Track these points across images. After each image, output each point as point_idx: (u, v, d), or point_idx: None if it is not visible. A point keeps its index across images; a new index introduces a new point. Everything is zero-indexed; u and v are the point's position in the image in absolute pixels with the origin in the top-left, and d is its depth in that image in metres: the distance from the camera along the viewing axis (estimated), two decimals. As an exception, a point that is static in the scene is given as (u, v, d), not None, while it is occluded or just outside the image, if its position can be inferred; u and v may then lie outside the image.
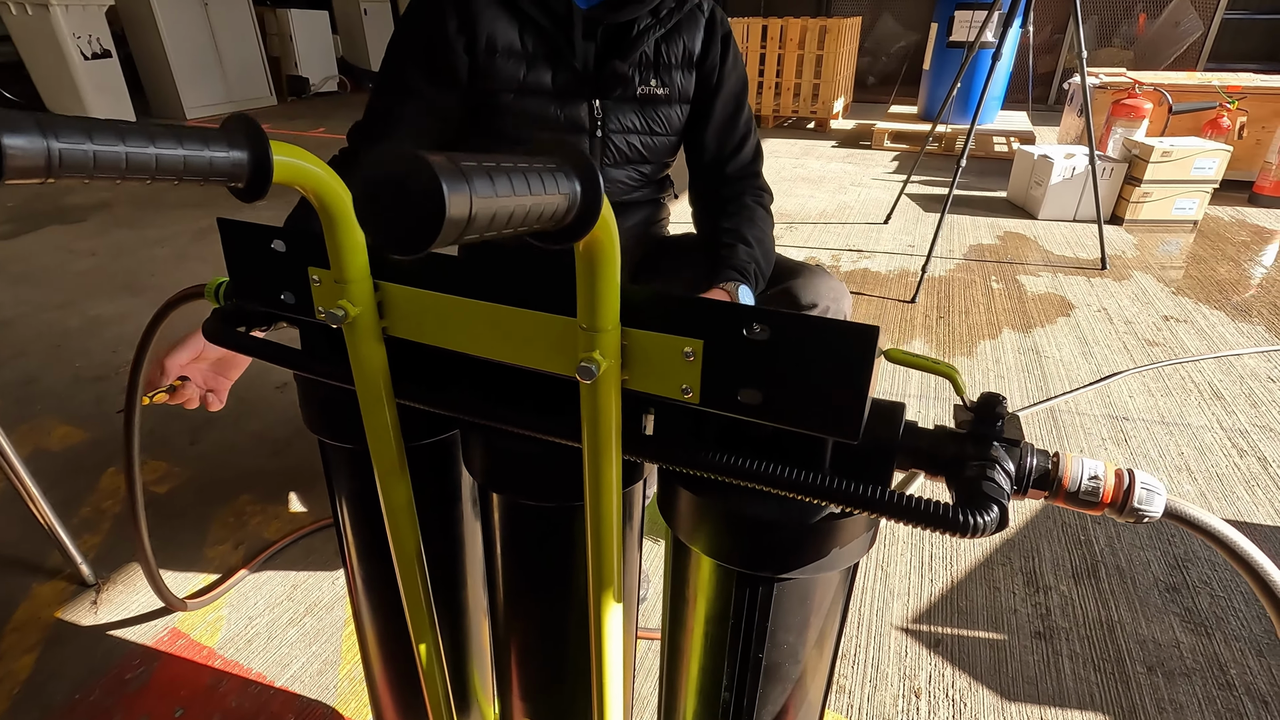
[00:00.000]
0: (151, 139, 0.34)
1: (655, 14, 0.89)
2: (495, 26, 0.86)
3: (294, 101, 6.63)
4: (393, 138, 0.89)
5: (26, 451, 1.57)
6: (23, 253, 2.79)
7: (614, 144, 0.96)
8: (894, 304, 2.32)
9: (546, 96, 0.89)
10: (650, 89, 0.92)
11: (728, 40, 0.94)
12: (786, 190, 3.64)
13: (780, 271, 1.07)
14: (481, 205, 0.24)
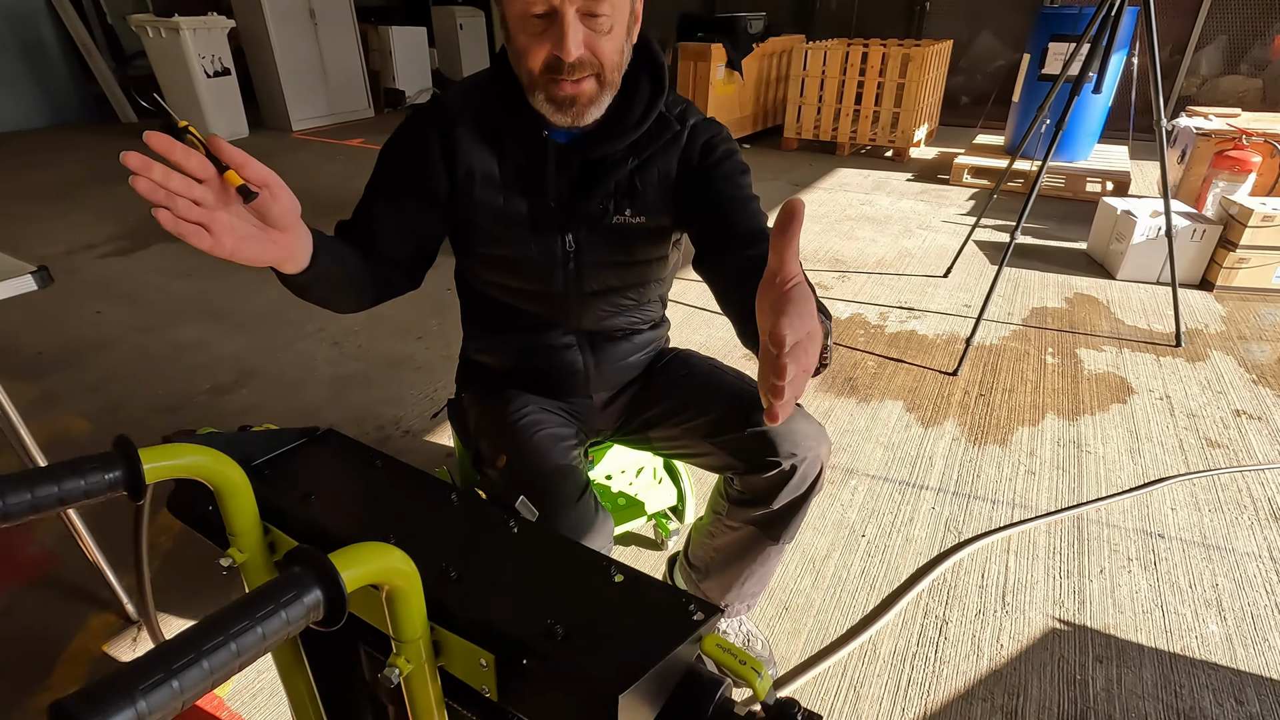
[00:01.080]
0: (29, 487, 0.42)
1: (632, 148, 0.90)
2: (475, 155, 0.90)
3: (389, 113, 7.01)
4: (373, 242, 0.91)
5: (103, 479, 1.78)
6: (131, 271, 3.12)
7: (591, 275, 0.99)
8: (934, 376, 2.24)
9: (522, 227, 0.93)
10: (625, 218, 0.93)
11: (709, 146, 0.92)
12: (847, 232, 3.56)
13: (745, 396, 1.07)
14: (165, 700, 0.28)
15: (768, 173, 4.69)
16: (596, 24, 0.77)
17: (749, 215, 0.89)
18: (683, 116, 0.93)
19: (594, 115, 0.84)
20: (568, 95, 0.81)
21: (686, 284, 2.92)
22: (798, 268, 0.54)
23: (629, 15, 0.83)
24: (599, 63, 0.80)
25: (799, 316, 0.51)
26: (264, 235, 0.65)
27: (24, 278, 1.09)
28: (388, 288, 0.95)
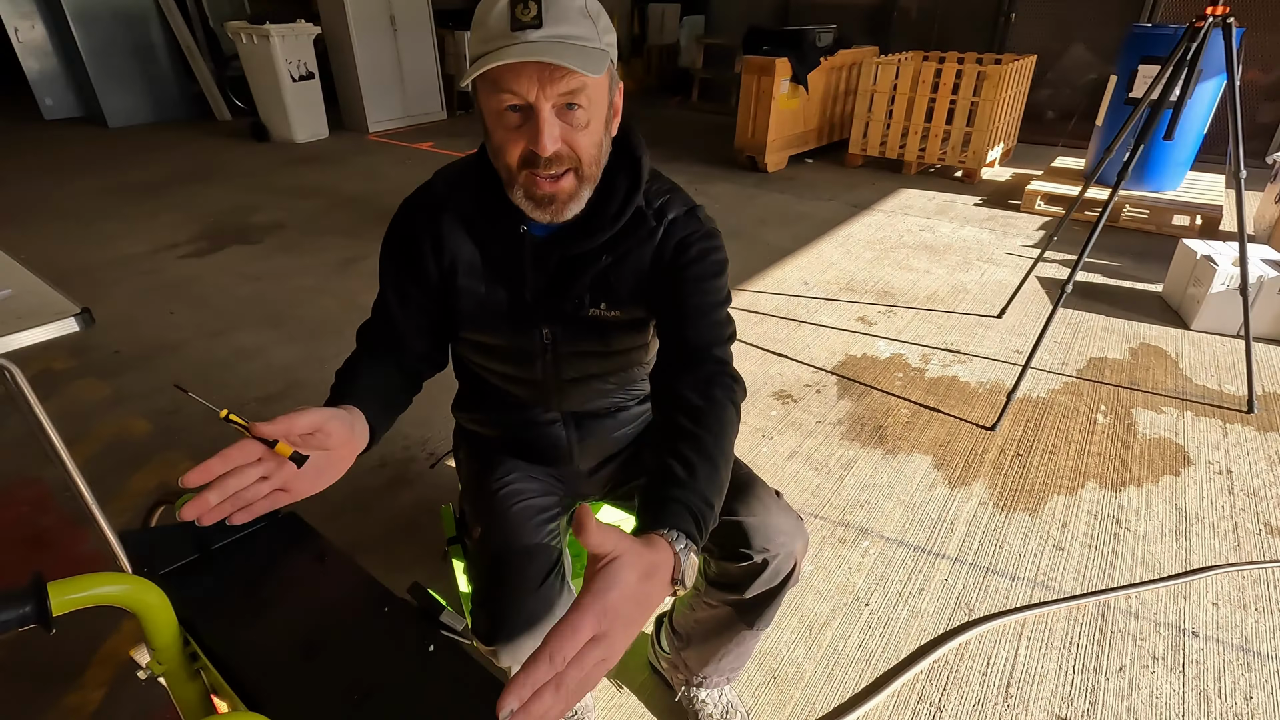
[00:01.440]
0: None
1: (608, 245, 0.90)
2: (459, 244, 0.92)
3: (460, 115, 7.22)
4: (397, 341, 0.95)
5: (153, 483, 1.92)
6: (205, 272, 3.34)
7: (569, 364, 1.00)
8: (969, 429, 2.15)
9: (501, 316, 0.95)
10: (600, 312, 0.93)
11: (683, 245, 0.89)
12: (901, 261, 3.44)
13: (733, 486, 1.06)
14: None
15: (827, 192, 4.59)
16: (573, 118, 0.77)
17: (705, 327, 0.87)
18: (661, 211, 0.91)
19: (573, 211, 0.84)
20: (546, 193, 0.81)
21: (725, 312, 2.89)
22: (611, 546, 0.54)
23: (607, 109, 0.82)
24: (576, 157, 0.79)
25: (594, 608, 0.51)
26: (329, 464, 0.72)
27: (68, 320, 1.18)
28: (416, 385, 0.99)
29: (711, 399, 0.79)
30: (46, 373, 2.48)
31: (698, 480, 0.69)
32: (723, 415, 0.78)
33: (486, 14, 0.73)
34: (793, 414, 2.23)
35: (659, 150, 5.68)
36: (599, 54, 0.75)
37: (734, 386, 0.83)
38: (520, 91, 0.73)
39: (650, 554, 0.58)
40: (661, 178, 0.96)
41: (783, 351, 2.61)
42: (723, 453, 0.75)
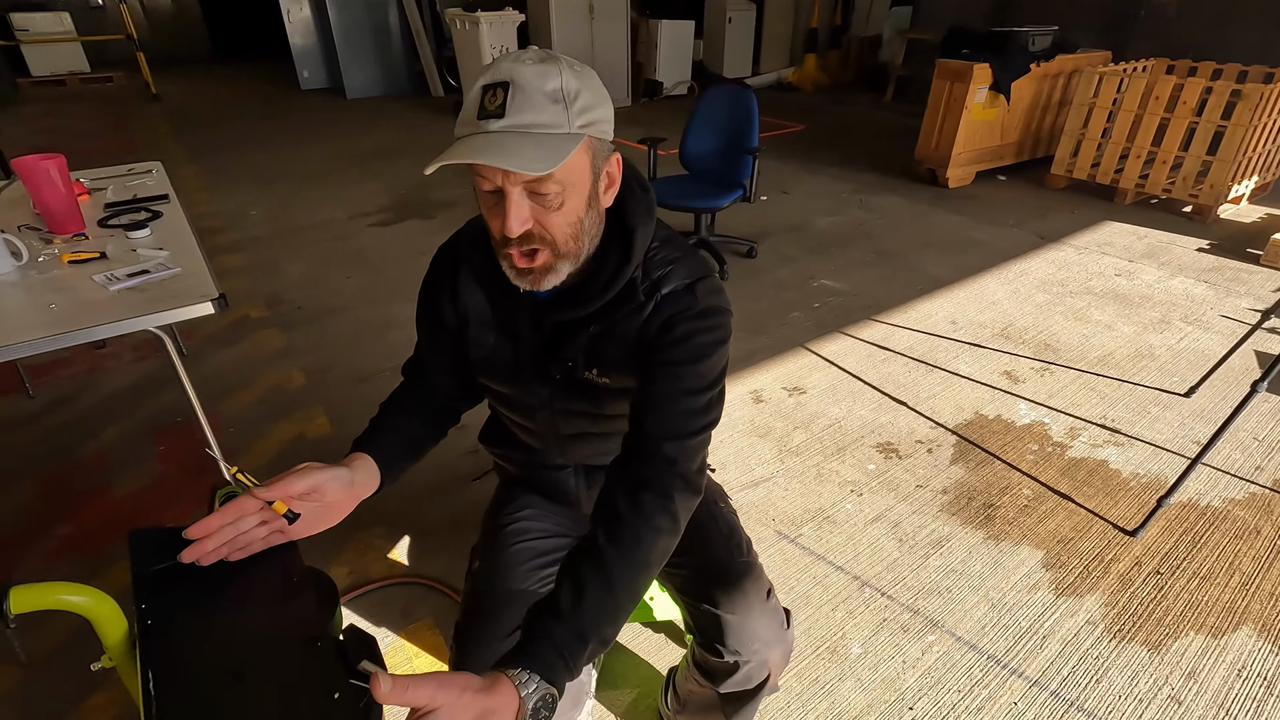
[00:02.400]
0: None
1: (597, 315, 0.88)
2: (471, 294, 0.95)
3: (644, 103, 7.36)
4: (428, 380, 1.03)
5: (292, 435, 2.22)
6: (384, 242, 3.75)
7: (566, 422, 1.00)
8: (1103, 530, 1.85)
9: (505, 368, 0.97)
10: (593, 377, 0.92)
11: (669, 324, 0.85)
12: (1078, 310, 3.00)
13: (717, 567, 1.01)
14: None
15: (1011, 216, 4.10)
16: (544, 200, 0.75)
17: (666, 417, 0.83)
18: (657, 284, 0.87)
19: (552, 282, 0.83)
20: (522, 267, 0.81)
21: (845, 343, 2.72)
22: (425, 700, 0.56)
23: (590, 185, 0.79)
24: (550, 237, 0.78)
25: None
26: (326, 512, 0.82)
27: (206, 304, 1.39)
28: (452, 419, 1.06)
29: (638, 508, 0.77)
30: (244, 320, 2.95)
31: (582, 610, 0.69)
32: (641, 530, 0.76)
33: (469, 93, 0.74)
34: (893, 472, 2.06)
35: (832, 151, 5.41)
36: (566, 139, 0.72)
37: (672, 493, 0.79)
38: (488, 176, 0.73)
39: (484, 700, 0.59)
40: (675, 244, 0.91)
41: (902, 398, 2.40)
42: (627, 574, 0.73)
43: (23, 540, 1.82)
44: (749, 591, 0.98)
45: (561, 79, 0.72)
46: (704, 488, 0.84)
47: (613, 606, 0.71)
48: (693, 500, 0.81)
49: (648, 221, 0.87)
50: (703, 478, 0.84)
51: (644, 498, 0.77)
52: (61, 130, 6.31)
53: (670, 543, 0.78)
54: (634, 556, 0.74)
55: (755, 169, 3.18)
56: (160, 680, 0.64)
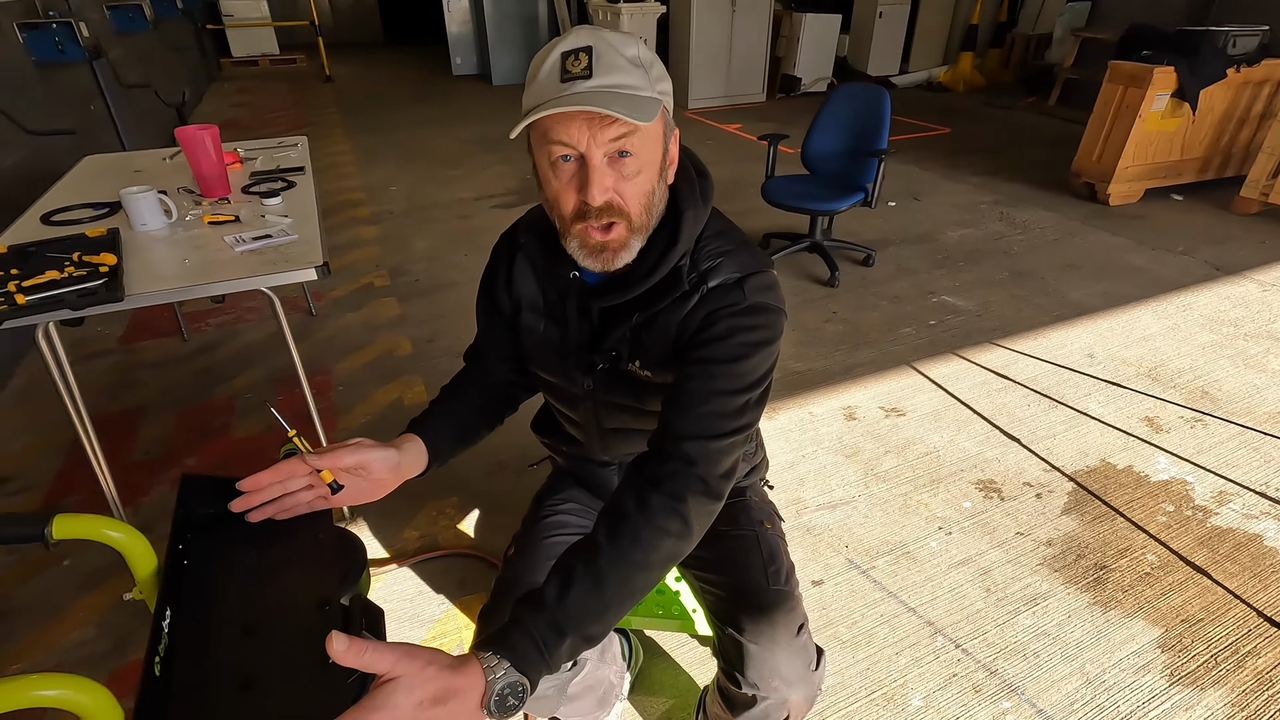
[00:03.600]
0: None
1: (639, 302, 0.85)
2: (525, 282, 0.95)
3: (780, 99, 7.16)
4: (490, 357, 1.04)
5: (391, 399, 2.36)
6: (502, 223, 3.86)
7: (608, 415, 0.97)
8: (1243, 615, 1.58)
9: (554, 356, 0.95)
10: (635, 369, 0.89)
11: (711, 318, 0.81)
12: (1251, 357, 2.58)
13: (749, 591, 0.95)
14: None
15: (1181, 242, 3.60)
16: (624, 166, 0.75)
17: (693, 417, 0.78)
18: (705, 275, 0.83)
19: (624, 260, 0.81)
20: (598, 242, 0.79)
21: (958, 366, 2.50)
22: (386, 666, 0.56)
23: (661, 157, 0.79)
24: (625, 208, 0.77)
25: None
26: (370, 487, 0.85)
27: (309, 270, 1.49)
28: (509, 405, 1.07)
29: (644, 506, 0.73)
30: (368, 287, 3.17)
31: (566, 603, 0.66)
32: (643, 530, 0.72)
33: (538, 68, 0.74)
34: (990, 513, 1.87)
35: (977, 158, 5.01)
36: (650, 102, 0.73)
37: (685, 496, 0.74)
38: (571, 141, 0.73)
39: (448, 677, 0.57)
40: (730, 236, 0.87)
41: (1016, 434, 2.17)
42: (620, 573, 0.70)
43: (156, 467, 2.05)
44: (778, 623, 0.91)
45: (639, 48, 0.74)
46: (726, 494, 0.78)
47: (599, 605, 0.68)
48: (711, 505, 0.77)
49: (699, 207, 0.84)
50: (728, 483, 0.79)
51: (653, 497, 0.74)
52: (250, 104, 7.08)
53: (678, 547, 0.74)
54: (631, 556, 0.71)
55: (880, 172, 2.99)
56: (174, 620, 0.69)
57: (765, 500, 1.16)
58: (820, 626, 1.55)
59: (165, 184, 2.02)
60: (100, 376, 2.51)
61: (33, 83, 3.30)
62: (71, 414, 1.59)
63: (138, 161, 2.29)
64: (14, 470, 2.05)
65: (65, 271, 1.41)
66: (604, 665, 1.19)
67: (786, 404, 2.32)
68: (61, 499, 1.93)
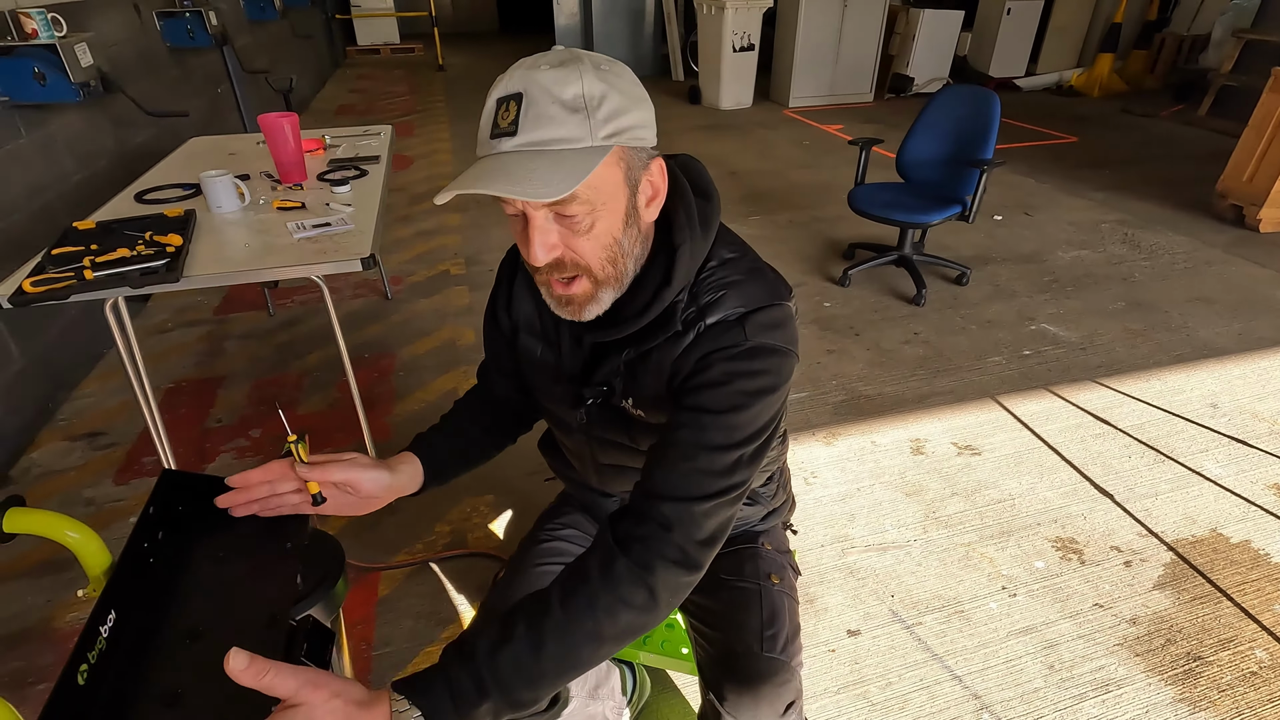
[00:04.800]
0: None
1: (632, 339, 0.78)
2: (523, 304, 0.90)
3: (889, 99, 6.79)
4: (497, 376, 1.00)
5: (448, 389, 2.38)
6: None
7: (602, 450, 0.90)
8: (1374, 740, 1.32)
9: (550, 381, 0.89)
10: (627, 406, 0.82)
11: (704, 362, 0.73)
12: None
13: (738, 656, 0.86)
14: None
15: (1349, 280, 3.10)
16: (572, 224, 0.66)
17: (677, 474, 0.70)
18: (702, 312, 0.74)
19: (595, 312, 0.74)
20: (561, 295, 0.73)
21: (1051, 405, 2.25)
22: (288, 692, 0.53)
23: (625, 201, 0.68)
24: (584, 263, 0.69)
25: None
26: (358, 502, 0.82)
27: (355, 261, 1.51)
28: (521, 424, 1.03)
29: (607, 572, 0.66)
30: (444, 275, 3.24)
31: (497, 661, 0.61)
32: (600, 598, 0.65)
33: (483, 110, 0.67)
34: (1066, 577, 1.66)
35: (1104, 171, 4.54)
36: (584, 155, 0.63)
37: (654, 566, 0.66)
38: (509, 200, 0.65)
39: (353, 713, 0.54)
40: (739, 264, 0.77)
41: (1110, 488, 1.93)
42: (565, 643, 0.63)
43: (225, 434, 2.17)
44: (763, 696, 0.81)
45: (582, 84, 0.62)
46: (705, 563, 0.70)
47: (534, 672, 0.62)
48: (685, 577, 0.68)
49: (698, 236, 0.75)
50: (709, 550, 0.70)
51: (618, 564, 0.66)
52: (366, 90, 7.46)
53: (641, 620, 0.66)
54: (583, 625, 0.64)
55: (982, 185, 2.74)
56: (119, 622, 0.68)
57: (781, 549, 1.05)
58: (849, 684, 1.42)
59: (253, 168, 2.11)
60: (194, 343, 2.69)
61: (166, 66, 3.59)
62: (133, 382, 1.68)
63: (234, 145, 2.42)
64: (108, 426, 2.23)
65: (136, 250, 1.48)
66: (596, 701, 1.13)
67: (848, 429, 2.17)
68: (142, 457, 2.07)
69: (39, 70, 2.17)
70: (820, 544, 1.76)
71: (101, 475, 2.00)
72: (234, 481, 0.77)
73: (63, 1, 2.54)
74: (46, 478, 2.00)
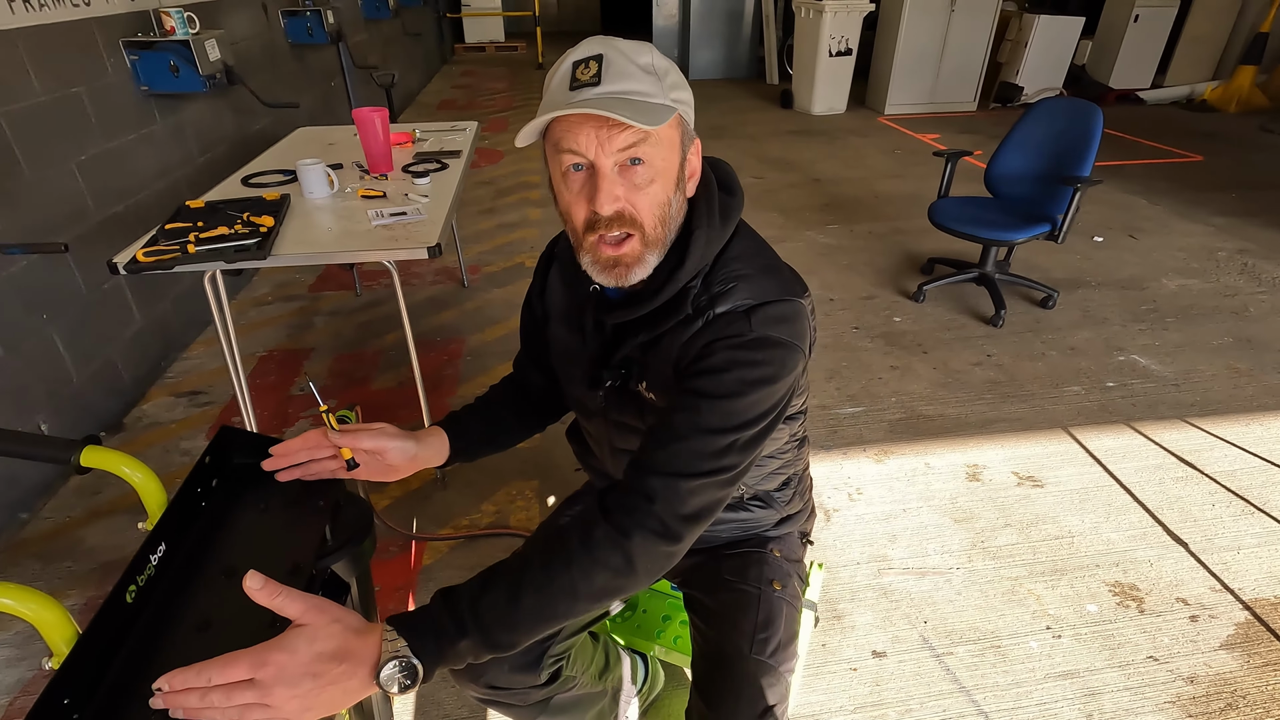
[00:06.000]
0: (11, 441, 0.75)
1: (646, 321, 0.81)
2: (556, 291, 0.94)
3: (994, 109, 6.47)
4: (530, 364, 1.06)
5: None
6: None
7: (619, 434, 0.94)
8: None
9: (574, 366, 0.93)
10: (641, 390, 0.85)
11: (709, 348, 0.76)
12: None
13: (726, 656, 0.88)
14: None
15: None
16: (635, 175, 0.72)
17: (668, 452, 0.73)
18: (713, 300, 0.77)
19: (639, 276, 0.78)
20: (609, 257, 0.76)
21: (1130, 441, 2.10)
22: (295, 613, 0.59)
23: (677, 167, 0.76)
24: (638, 220, 0.74)
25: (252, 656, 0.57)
26: (385, 469, 0.90)
27: (422, 249, 1.61)
28: (550, 413, 1.09)
29: (588, 537, 0.70)
30: (519, 267, 3.37)
31: (477, 604, 0.66)
32: (577, 558, 0.69)
33: (551, 78, 0.74)
34: (1121, 625, 1.56)
35: (1229, 195, 4.17)
36: (662, 108, 0.71)
37: (633, 533, 0.70)
38: (580, 149, 0.71)
39: (349, 638, 0.60)
40: (753, 259, 0.81)
41: (1185, 536, 1.79)
42: (541, 595, 0.68)
43: (307, 402, 2.35)
44: (742, 697, 0.83)
45: (652, 56, 0.73)
46: (687, 537, 0.73)
47: (511, 617, 0.67)
48: (664, 547, 0.71)
49: (717, 226, 0.80)
50: (692, 527, 0.73)
51: (598, 529, 0.70)
52: (468, 86, 7.80)
53: (617, 583, 0.70)
54: (557, 580, 0.68)
55: (1075, 204, 2.59)
56: (167, 555, 0.77)
57: (792, 559, 1.05)
58: (867, 705, 1.40)
59: (346, 158, 2.28)
60: (287, 316, 2.92)
61: (286, 61, 3.89)
62: (224, 349, 1.84)
63: (334, 136, 2.61)
64: (207, 386, 2.46)
65: (234, 228, 1.64)
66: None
67: (901, 448, 2.11)
68: (231, 417, 2.28)
69: (174, 63, 2.42)
70: (856, 561, 1.73)
71: (197, 430, 2.22)
72: (276, 450, 0.85)
73: (200, 1, 2.81)
74: (152, 428, 2.24)
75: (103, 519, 1.86)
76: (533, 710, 1.02)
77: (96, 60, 2.24)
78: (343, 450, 0.86)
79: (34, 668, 1.45)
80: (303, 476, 0.88)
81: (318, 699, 0.58)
